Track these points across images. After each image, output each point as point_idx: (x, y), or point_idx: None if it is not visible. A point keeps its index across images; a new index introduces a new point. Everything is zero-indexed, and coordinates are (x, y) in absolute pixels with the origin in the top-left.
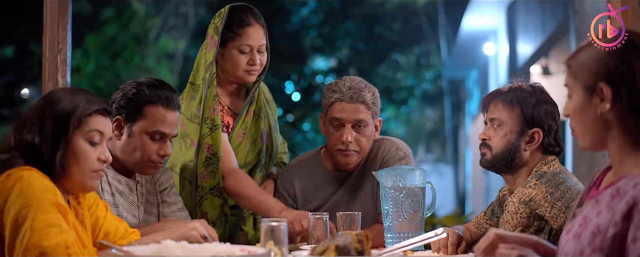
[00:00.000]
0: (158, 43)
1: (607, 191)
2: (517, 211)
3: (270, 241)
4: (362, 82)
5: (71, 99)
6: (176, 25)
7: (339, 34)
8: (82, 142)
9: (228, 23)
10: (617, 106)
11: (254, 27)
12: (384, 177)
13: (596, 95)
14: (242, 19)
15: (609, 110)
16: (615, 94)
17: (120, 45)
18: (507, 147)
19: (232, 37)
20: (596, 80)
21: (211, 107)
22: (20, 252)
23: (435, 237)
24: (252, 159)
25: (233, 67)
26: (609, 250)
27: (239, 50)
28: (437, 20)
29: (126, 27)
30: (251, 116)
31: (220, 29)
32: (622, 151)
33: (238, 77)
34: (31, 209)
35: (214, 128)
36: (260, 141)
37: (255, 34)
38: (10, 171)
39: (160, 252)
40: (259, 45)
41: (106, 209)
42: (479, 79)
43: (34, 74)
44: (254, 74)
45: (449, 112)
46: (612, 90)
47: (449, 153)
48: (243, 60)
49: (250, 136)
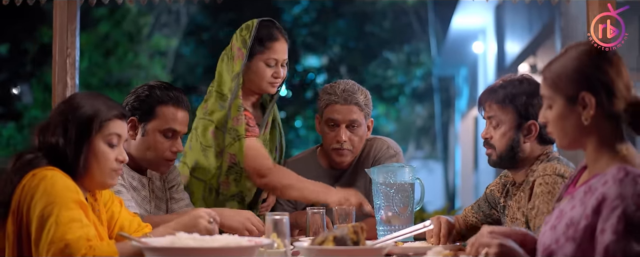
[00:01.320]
0: (150, 41)
1: (581, 188)
2: (555, 182)
3: (274, 233)
4: (356, 85)
5: (92, 104)
6: (168, 23)
7: (330, 32)
8: (102, 144)
9: (257, 37)
10: (597, 112)
11: (280, 41)
12: (376, 174)
13: (579, 104)
14: (271, 34)
15: (591, 117)
16: (598, 102)
17: (113, 43)
18: (509, 143)
19: (261, 50)
20: (578, 90)
21: (235, 117)
22: (46, 245)
23: (424, 228)
24: None
25: (258, 78)
26: (580, 240)
27: (266, 63)
28: (427, 19)
29: (119, 24)
30: (269, 128)
31: (249, 43)
32: (596, 152)
33: (262, 88)
34: (55, 206)
35: (237, 138)
36: (275, 151)
37: (281, 48)
38: (35, 170)
39: (174, 243)
40: (283, 59)
41: (121, 204)
42: (468, 76)
43: (28, 72)
44: (276, 86)
45: (438, 110)
46: (595, 98)
47: (438, 150)
48: (268, 73)
49: (267, 146)
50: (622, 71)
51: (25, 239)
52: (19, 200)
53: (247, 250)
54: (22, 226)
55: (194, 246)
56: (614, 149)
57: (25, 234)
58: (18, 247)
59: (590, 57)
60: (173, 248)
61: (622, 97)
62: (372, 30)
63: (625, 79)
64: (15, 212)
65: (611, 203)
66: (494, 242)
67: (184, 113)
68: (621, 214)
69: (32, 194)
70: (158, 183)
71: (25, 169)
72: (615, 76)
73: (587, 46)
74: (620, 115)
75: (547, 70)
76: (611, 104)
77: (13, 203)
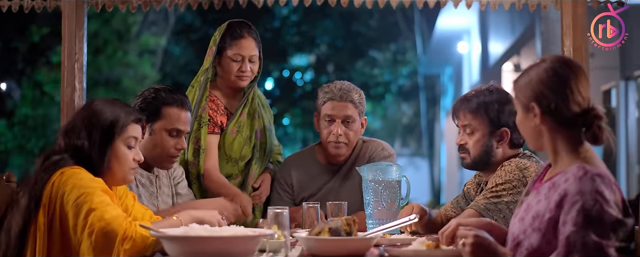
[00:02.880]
0: (139, 39)
1: (546, 185)
2: (512, 171)
3: (275, 225)
4: (351, 85)
5: (112, 110)
6: (157, 21)
7: (317, 31)
8: (122, 146)
9: (225, 35)
10: (547, 120)
11: (246, 39)
12: (366, 172)
13: (531, 112)
14: (236, 32)
15: (540, 124)
16: (544, 112)
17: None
18: (483, 149)
19: (228, 47)
20: (530, 100)
21: (203, 106)
22: (87, 228)
23: (409, 221)
24: (247, 152)
25: (226, 73)
26: (545, 231)
27: (232, 58)
28: (413, 19)
29: (108, 23)
30: (245, 117)
31: (217, 40)
32: (556, 153)
33: (231, 81)
34: (87, 195)
35: (203, 125)
36: (254, 137)
37: (247, 45)
38: (63, 169)
39: (188, 232)
40: (250, 55)
41: (134, 199)
42: (453, 75)
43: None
44: (244, 79)
45: (424, 107)
46: (540, 108)
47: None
48: (235, 68)
49: (245, 133)
50: (580, 85)
51: (56, 230)
52: (50, 195)
53: (252, 240)
54: (54, 218)
55: (205, 235)
56: (574, 150)
57: (57, 226)
58: (49, 237)
59: (548, 73)
60: (187, 237)
61: (578, 107)
62: (359, 30)
63: (583, 92)
64: (47, 206)
65: (572, 198)
66: (469, 233)
67: (186, 114)
68: (580, 208)
69: (63, 189)
70: (165, 180)
71: (54, 168)
72: (573, 89)
73: (548, 63)
74: (576, 123)
75: (515, 81)
76: (562, 113)
77: (44, 198)
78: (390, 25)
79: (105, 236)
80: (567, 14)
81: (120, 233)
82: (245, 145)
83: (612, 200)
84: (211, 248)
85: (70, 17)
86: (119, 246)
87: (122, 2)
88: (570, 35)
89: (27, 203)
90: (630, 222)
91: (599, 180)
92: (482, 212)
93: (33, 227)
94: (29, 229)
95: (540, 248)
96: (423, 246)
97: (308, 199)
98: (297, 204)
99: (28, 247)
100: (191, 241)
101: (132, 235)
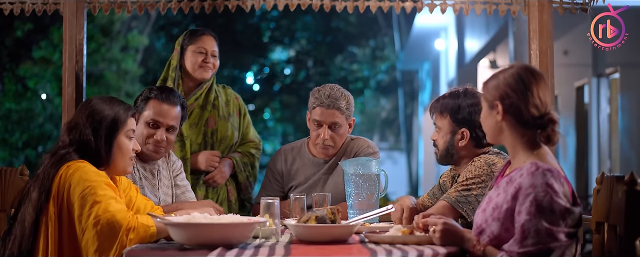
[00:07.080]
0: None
1: (504, 179)
2: (481, 166)
3: (266, 214)
4: (340, 91)
5: (111, 107)
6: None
7: (297, 26)
8: (124, 139)
9: (187, 36)
10: (508, 118)
11: (207, 36)
12: (348, 166)
13: (494, 109)
14: (198, 32)
15: (502, 120)
16: (506, 110)
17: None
18: (446, 146)
19: (191, 43)
20: (494, 98)
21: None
22: (92, 219)
23: (387, 211)
24: (199, 139)
25: (190, 66)
26: (503, 220)
27: (196, 51)
28: (392, 16)
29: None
30: (195, 108)
31: (180, 42)
32: (514, 150)
33: (195, 74)
34: (93, 188)
35: None
36: (204, 125)
37: (208, 40)
38: (69, 163)
39: (190, 220)
40: (211, 49)
41: (137, 191)
42: (430, 71)
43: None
44: (207, 71)
45: (402, 102)
46: (503, 107)
47: (402, 141)
48: (199, 59)
49: (192, 121)
50: (540, 90)
51: (65, 218)
52: (58, 187)
53: (247, 226)
54: (63, 208)
55: (206, 222)
56: (529, 148)
57: (66, 214)
58: (59, 225)
59: (514, 77)
60: (190, 223)
61: (536, 110)
62: (338, 25)
63: (542, 97)
64: (56, 197)
65: (525, 191)
66: (439, 221)
67: (168, 107)
68: (533, 199)
69: (70, 181)
70: (165, 172)
71: (61, 162)
72: (533, 92)
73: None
74: (533, 123)
75: (485, 82)
76: (522, 113)
77: (53, 190)
78: (369, 22)
79: (111, 226)
80: (533, 20)
81: (124, 225)
82: (193, 132)
83: (561, 191)
84: (212, 234)
85: (71, 21)
86: (124, 236)
87: (119, 6)
88: (536, 39)
89: (38, 196)
90: (577, 211)
91: (549, 174)
92: (453, 204)
93: (44, 217)
94: (41, 220)
95: (500, 235)
96: (399, 232)
97: (296, 188)
98: (286, 192)
99: (41, 236)
100: (195, 227)
101: (135, 226)
